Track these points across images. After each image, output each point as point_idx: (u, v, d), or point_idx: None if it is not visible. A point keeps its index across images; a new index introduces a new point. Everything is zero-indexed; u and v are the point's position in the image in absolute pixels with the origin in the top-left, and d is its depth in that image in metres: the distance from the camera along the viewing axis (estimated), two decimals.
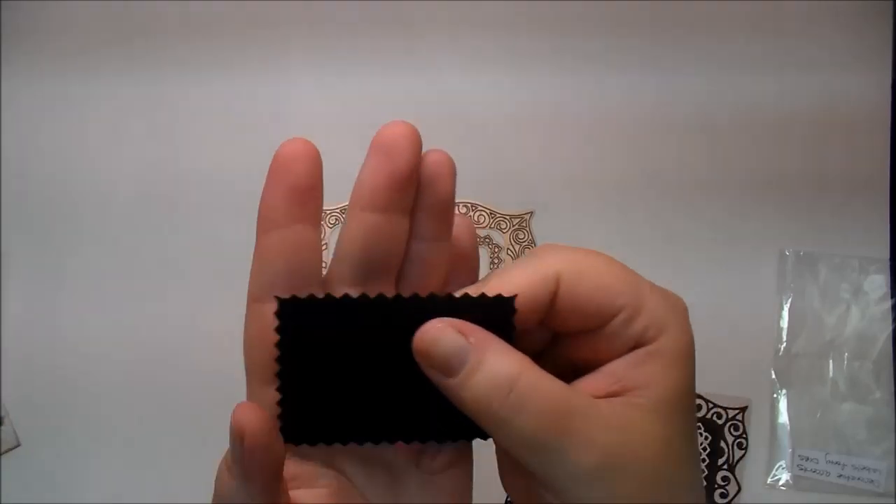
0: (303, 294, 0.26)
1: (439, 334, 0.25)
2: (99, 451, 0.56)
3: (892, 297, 0.58)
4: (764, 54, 0.60)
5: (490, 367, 0.25)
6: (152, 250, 0.58)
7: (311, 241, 0.26)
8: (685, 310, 0.29)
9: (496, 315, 0.26)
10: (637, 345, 0.27)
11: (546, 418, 0.24)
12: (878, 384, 0.57)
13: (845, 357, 0.57)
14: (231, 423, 0.24)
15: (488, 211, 0.58)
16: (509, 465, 0.28)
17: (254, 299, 0.26)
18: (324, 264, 0.27)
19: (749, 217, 0.59)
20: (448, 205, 0.26)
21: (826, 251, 0.58)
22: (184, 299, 0.57)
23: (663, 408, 0.26)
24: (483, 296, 0.26)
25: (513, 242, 0.58)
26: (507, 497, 0.56)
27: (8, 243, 0.58)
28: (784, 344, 0.57)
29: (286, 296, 0.26)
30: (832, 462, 0.56)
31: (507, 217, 0.58)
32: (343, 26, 0.60)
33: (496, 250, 0.58)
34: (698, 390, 0.58)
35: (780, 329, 0.58)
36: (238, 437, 0.24)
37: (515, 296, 0.26)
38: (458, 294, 0.27)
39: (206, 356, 0.57)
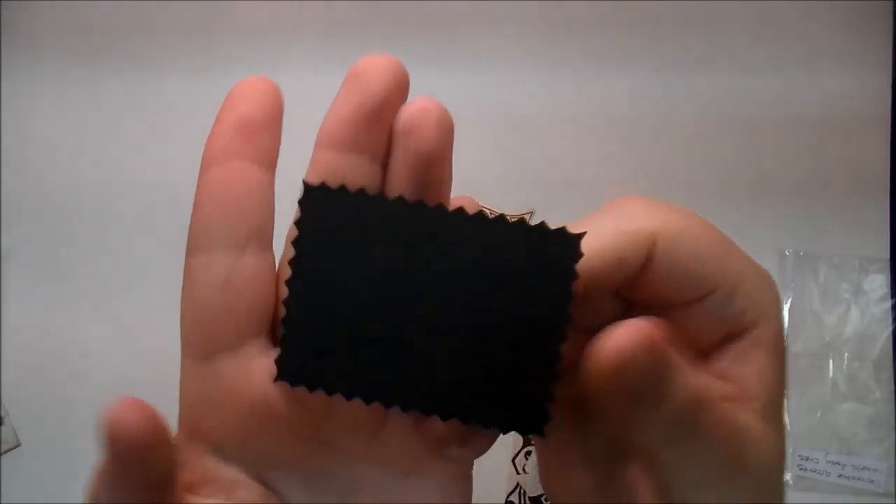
0: (334, 184, 0.20)
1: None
2: (99, 452, 0.56)
3: (892, 297, 0.58)
4: (764, 54, 0.60)
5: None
6: (152, 250, 0.58)
7: (253, 181, 0.21)
8: (777, 290, 0.23)
9: (553, 253, 0.20)
10: (732, 330, 0.22)
11: (688, 414, 0.20)
12: (878, 384, 0.57)
13: (845, 357, 0.57)
14: (104, 423, 0.19)
15: (488, 210, 0.58)
16: (573, 464, 0.23)
17: (188, 252, 0.21)
18: None
19: (749, 217, 0.59)
20: (426, 160, 0.21)
21: (826, 251, 0.58)
22: None
23: (774, 411, 0.23)
24: (543, 224, 0.20)
25: None
26: (508, 497, 0.56)
27: (8, 243, 0.58)
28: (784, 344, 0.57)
29: (316, 182, 0.20)
30: (832, 462, 0.56)
31: (508, 217, 0.58)
32: (343, 26, 0.60)
33: None
34: None
35: None
36: (112, 441, 0.19)
37: (583, 233, 0.20)
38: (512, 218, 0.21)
39: None
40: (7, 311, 0.57)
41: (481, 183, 0.58)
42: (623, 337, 0.19)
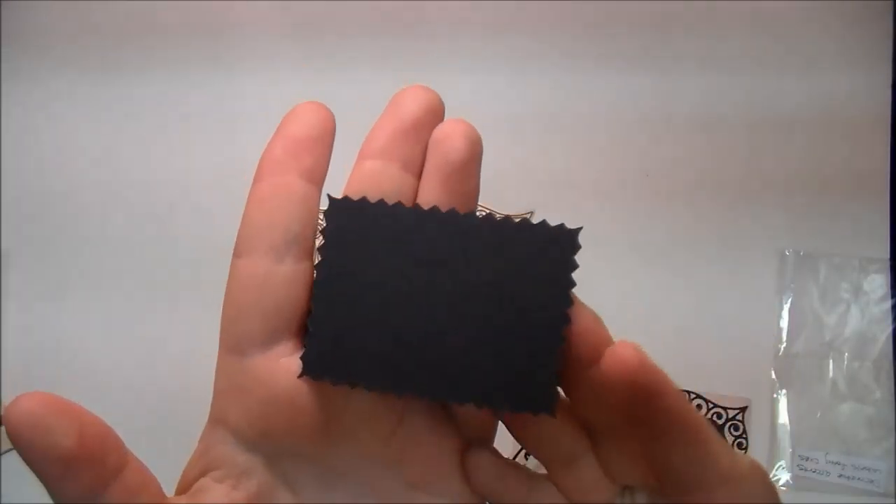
0: (356, 196, 0.23)
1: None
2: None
3: (892, 297, 0.58)
4: (764, 54, 0.60)
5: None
6: (153, 251, 0.58)
7: (298, 193, 0.23)
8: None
9: (555, 246, 0.23)
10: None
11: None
12: (878, 384, 0.57)
13: (845, 357, 0.57)
14: (8, 422, 0.20)
15: (488, 210, 0.58)
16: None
17: (234, 255, 0.23)
18: None
19: (749, 217, 0.59)
20: (454, 168, 0.24)
21: (826, 251, 0.58)
22: (184, 299, 0.57)
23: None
24: (544, 222, 0.23)
25: None
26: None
27: (8, 243, 0.58)
28: (784, 344, 0.57)
29: (338, 197, 0.23)
30: (832, 462, 0.56)
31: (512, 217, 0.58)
32: (340, 28, 0.60)
33: None
34: (698, 390, 0.58)
35: (780, 329, 0.58)
36: (25, 444, 0.20)
37: (580, 228, 0.23)
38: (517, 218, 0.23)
39: (207, 356, 0.57)
40: (7, 311, 0.57)
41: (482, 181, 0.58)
42: (633, 349, 0.24)
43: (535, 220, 0.23)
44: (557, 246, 0.23)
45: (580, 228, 0.23)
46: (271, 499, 0.24)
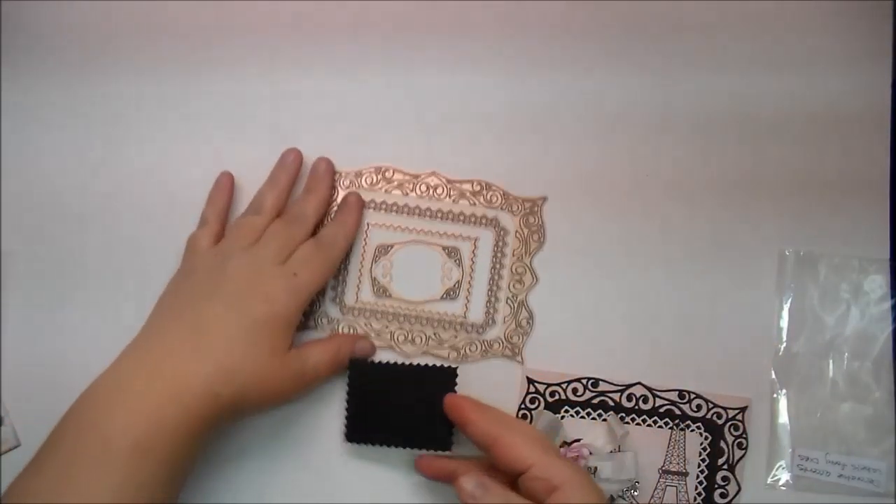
0: (365, 359, 0.56)
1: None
2: None
3: (892, 297, 0.58)
4: (764, 54, 0.60)
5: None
6: (153, 251, 0.58)
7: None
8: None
9: (447, 378, 0.53)
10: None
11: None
12: (878, 384, 0.57)
13: (845, 357, 0.57)
14: None
15: (501, 191, 0.59)
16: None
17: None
18: None
19: (749, 217, 0.59)
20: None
21: (826, 251, 0.58)
22: None
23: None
24: (443, 367, 0.54)
25: (522, 226, 0.58)
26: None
27: (8, 243, 0.58)
28: (784, 344, 0.57)
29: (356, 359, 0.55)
30: (832, 462, 0.56)
31: (520, 200, 0.58)
32: (342, 27, 0.60)
33: (503, 234, 0.58)
34: (699, 390, 0.58)
35: (780, 329, 0.58)
36: None
37: (457, 367, 0.53)
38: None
39: None
40: (7, 311, 0.57)
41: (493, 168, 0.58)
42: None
43: (546, 207, 0.57)
44: (447, 375, 0.53)
45: (457, 367, 0.53)
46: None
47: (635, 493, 0.56)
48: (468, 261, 0.58)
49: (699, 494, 0.56)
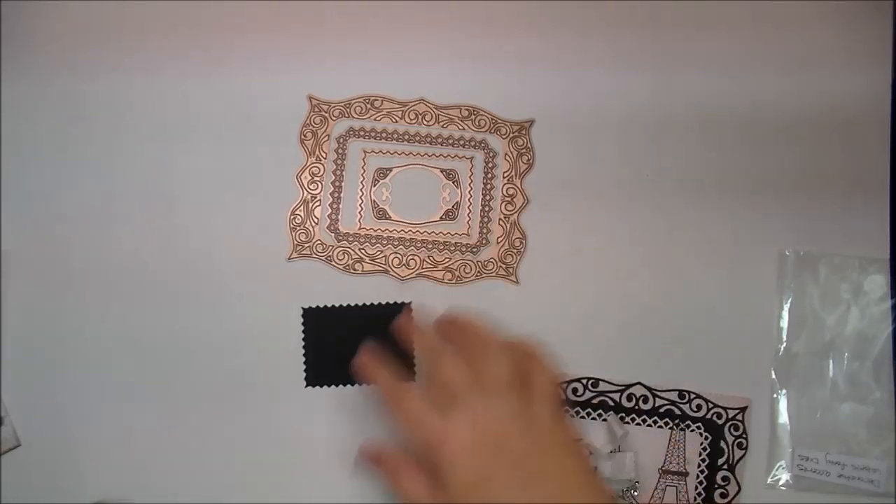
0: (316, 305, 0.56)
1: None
2: (98, 452, 0.56)
3: (892, 297, 0.58)
4: (764, 54, 0.60)
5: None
6: (153, 250, 0.58)
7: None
8: None
9: (399, 313, 0.55)
10: None
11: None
12: (878, 384, 0.57)
13: (845, 357, 0.57)
14: None
15: (489, 115, 0.59)
16: None
17: None
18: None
19: (749, 217, 0.59)
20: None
21: (826, 251, 0.58)
22: (184, 300, 0.57)
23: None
24: (391, 303, 0.56)
25: (511, 148, 0.59)
26: None
27: (8, 244, 0.58)
28: (784, 344, 0.57)
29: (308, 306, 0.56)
30: (832, 462, 0.56)
31: (508, 123, 0.59)
32: (340, 28, 0.60)
33: (492, 156, 0.59)
34: (699, 390, 0.58)
35: (780, 329, 0.58)
36: None
37: (409, 302, 0.56)
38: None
39: (206, 357, 0.57)
40: (7, 311, 0.57)
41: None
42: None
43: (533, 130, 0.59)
44: (399, 309, 0.56)
45: (410, 302, 0.56)
46: None
47: (635, 493, 0.56)
48: (467, 180, 0.59)
49: (699, 494, 0.56)
